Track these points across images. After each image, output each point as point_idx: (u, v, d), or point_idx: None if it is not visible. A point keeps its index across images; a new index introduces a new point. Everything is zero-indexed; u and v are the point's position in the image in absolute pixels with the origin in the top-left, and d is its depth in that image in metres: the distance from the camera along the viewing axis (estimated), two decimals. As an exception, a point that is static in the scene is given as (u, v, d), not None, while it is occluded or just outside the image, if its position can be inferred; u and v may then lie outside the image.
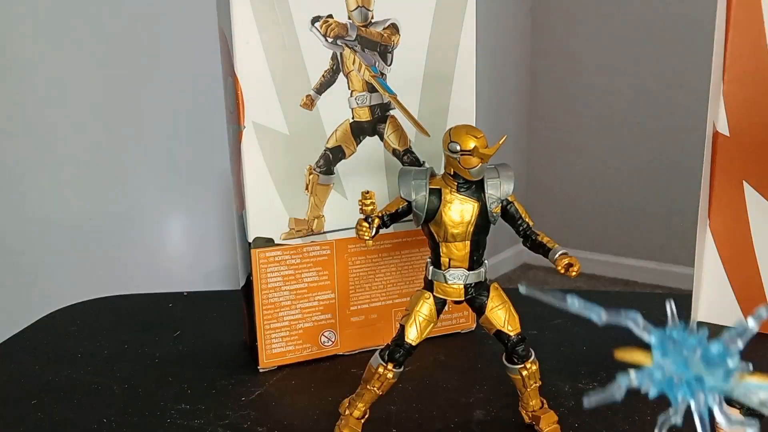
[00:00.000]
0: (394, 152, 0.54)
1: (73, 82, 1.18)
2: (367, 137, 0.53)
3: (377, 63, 0.51)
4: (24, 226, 1.16)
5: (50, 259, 1.19)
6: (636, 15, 2.31)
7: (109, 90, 1.23)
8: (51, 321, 0.66)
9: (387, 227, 0.42)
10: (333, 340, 0.55)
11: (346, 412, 0.44)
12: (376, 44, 0.51)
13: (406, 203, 0.42)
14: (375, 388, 0.42)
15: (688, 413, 0.17)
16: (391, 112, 0.53)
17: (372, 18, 0.50)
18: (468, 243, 0.41)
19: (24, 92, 1.12)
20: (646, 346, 0.17)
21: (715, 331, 0.56)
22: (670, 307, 0.19)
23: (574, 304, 0.19)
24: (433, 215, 0.41)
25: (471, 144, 0.39)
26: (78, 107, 1.20)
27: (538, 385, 0.44)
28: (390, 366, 0.42)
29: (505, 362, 0.43)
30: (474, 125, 0.43)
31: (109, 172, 1.26)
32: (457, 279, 0.42)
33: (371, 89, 0.52)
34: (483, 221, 0.41)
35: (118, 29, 1.23)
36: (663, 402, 0.49)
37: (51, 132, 1.17)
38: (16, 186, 1.14)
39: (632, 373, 0.17)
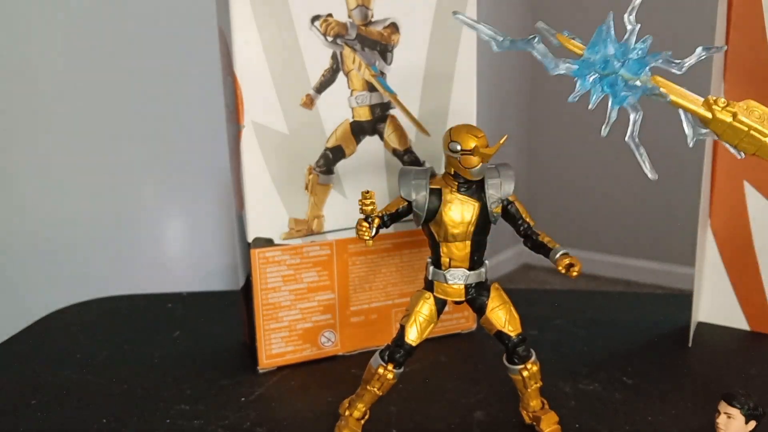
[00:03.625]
0: (395, 152, 0.53)
1: (71, 82, 1.18)
2: (367, 137, 0.52)
3: (377, 62, 0.51)
4: (23, 226, 1.15)
5: (50, 259, 1.19)
6: (636, 15, 2.30)
7: (108, 89, 1.23)
8: (51, 321, 0.65)
9: (387, 227, 0.42)
10: (333, 340, 0.55)
11: (346, 413, 0.44)
12: (376, 43, 0.51)
13: (407, 203, 0.42)
14: (375, 389, 0.42)
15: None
16: (392, 112, 0.53)
17: (372, 17, 0.50)
18: (468, 243, 0.41)
19: (23, 92, 1.12)
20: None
21: (714, 331, 0.56)
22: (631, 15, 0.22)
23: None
24: (433, 215, 0.41)
25: (471, 143, 0.39)
26: (77, 107, 1.19)
27: (538, 385, 0.43)
28: (390, 366, 0.42)
29: (506, 363, 0.43)
30: (474, 125, 0.43)
31: (109, 171, 1.26)
32: (457, 279, 0.42)
33: (371, 88, 0.52)
34: (483, 221, 0.41)
35: (118, 29, 1.23)
36: (666, 405, 0.48)
37: (50, 131, 1.17)
38: (16, 186, 1.14)
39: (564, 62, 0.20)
